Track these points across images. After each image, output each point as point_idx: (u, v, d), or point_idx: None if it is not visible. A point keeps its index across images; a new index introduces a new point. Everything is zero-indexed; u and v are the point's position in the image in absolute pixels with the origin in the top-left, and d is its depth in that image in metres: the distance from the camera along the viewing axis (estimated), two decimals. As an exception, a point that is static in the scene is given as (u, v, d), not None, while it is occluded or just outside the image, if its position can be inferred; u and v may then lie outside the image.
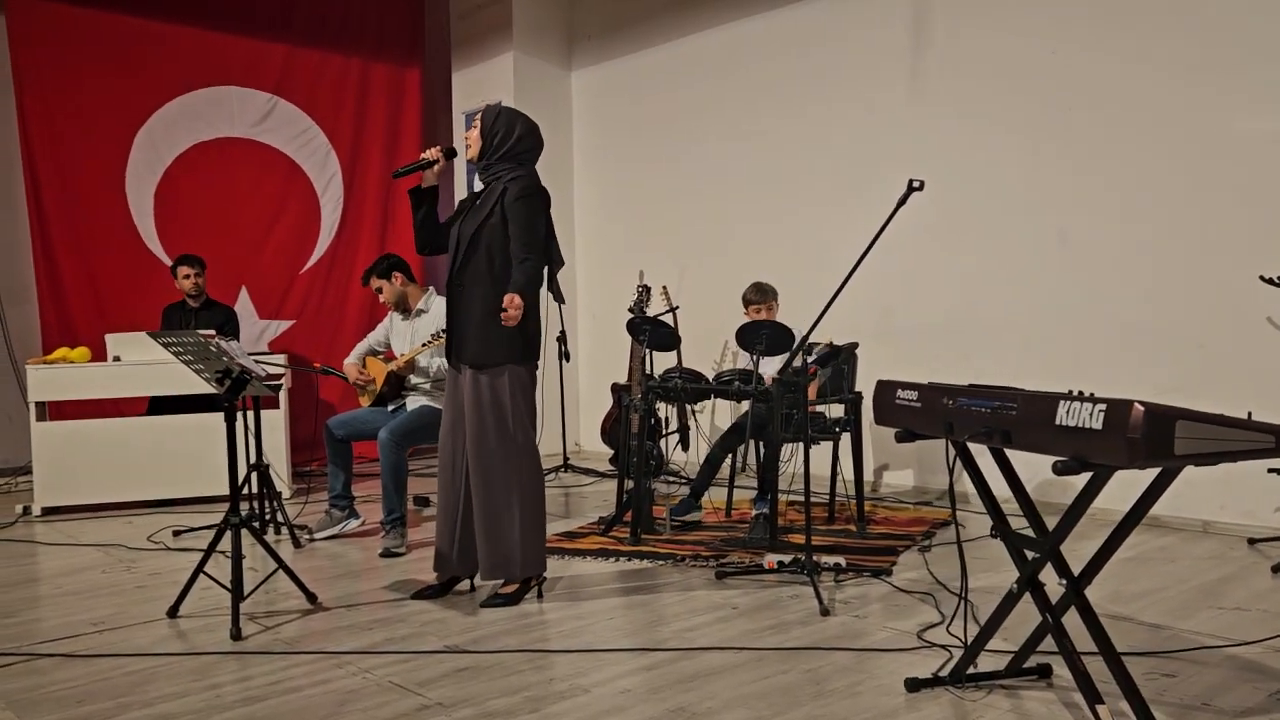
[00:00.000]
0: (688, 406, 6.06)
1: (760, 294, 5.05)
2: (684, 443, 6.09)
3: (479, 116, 3.64)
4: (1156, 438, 1.91)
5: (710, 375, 5.20)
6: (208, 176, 7.26)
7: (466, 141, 3.67)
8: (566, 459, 6.94)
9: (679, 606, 3.55)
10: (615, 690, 2.75)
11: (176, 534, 5.01)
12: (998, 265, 5.30)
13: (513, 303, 3.36)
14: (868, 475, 5.27)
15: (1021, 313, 5.21)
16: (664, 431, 5.88)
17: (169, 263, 6.51)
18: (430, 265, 8.11)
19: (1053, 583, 2.48)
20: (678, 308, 6.18)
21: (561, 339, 6.48)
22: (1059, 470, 2.07)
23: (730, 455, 4.98)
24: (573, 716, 2.58)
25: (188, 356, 3.68)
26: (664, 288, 6.33)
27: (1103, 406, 2.00)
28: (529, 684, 2.82)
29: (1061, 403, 2.11)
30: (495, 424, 3.51)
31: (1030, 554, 2.49)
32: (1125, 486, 2.76)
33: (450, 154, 3.70)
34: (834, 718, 2.53)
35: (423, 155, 3.66)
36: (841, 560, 3.95)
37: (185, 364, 3.73)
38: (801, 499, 3.93)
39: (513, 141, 3.60)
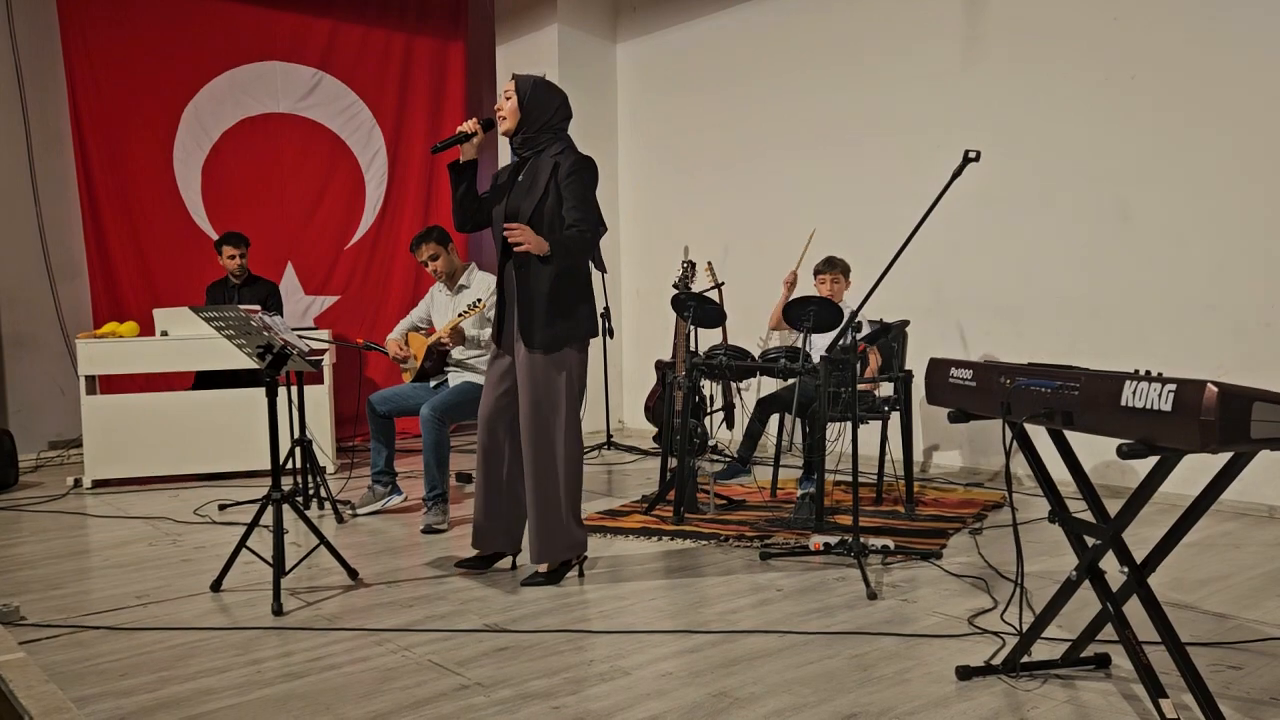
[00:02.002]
0: (733, 384, 5.97)
1: (828, 265, 4.96)
2: (729, 421, 6.01)
3: (510, 86, 3.54)
4: (1232, 420, 1.80)
5: (756, 352, 5.11)
6: (254, 152, 7.28)
7: (500, 113, 3.55)
8: (610, 436, 6.90)
9: (722, 588, 3.49)
10: (656, 673, 2.70)
11: (222, 508, 5.05)
12: (1055, 239, 5.14)
13: (525, 232, 3.30)
14: (917, 455, 5.16)
15: (1079, 289, 5.05)
16: (708, 409, 5.81)
17: (216, 237, 6.54)
18: (474, 240, 8.09)
19: (1113, 569, 2.37)
20: (723, 284, 6.08)
21: (605, 315, 6.42)
22: (1125, 454, 1.96)
23: (779, 425, 4.91)
24: (613, 699, 2.53)
25: (230, 331, 3.67)
26: (709, 263, 6.23)
27: (1173, 387, 1.89)
28: (569, 665, 2.77)
29: (1127, 383, 2.00)
30: (549, 405, 3.46)
31: (1091, 540, 2.39)
32: (1186, 469, 2.64)
33: (489, 125, 3.60)
34: (882, 705, 2.45)
35: (460, 128, 3.56)
36: (889, 542, 3.85)
37: (227, 339, 3.72)
38: (848, 479, 3.85)
39: (552, 112, 3.52)
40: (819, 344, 4.75)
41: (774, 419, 5.43)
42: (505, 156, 7.70)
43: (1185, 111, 4.64)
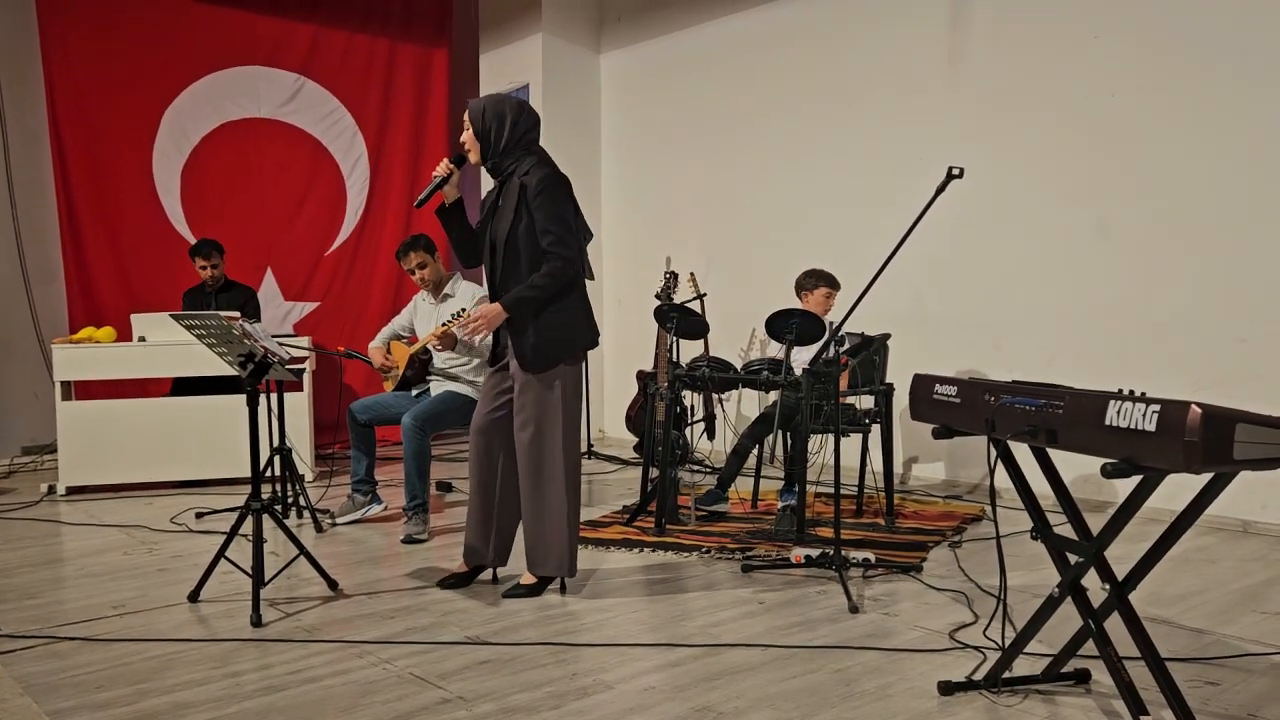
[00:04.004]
0: (714, 395, 5.98)
1: (833, 284, 4.95)
2: (710, 432, 6.02)
3: (467, 117, 3.48)
4: (1215, 441, 1.82)
5: (738, 364, 5.12)
6: (234, 157, 7.24)
7: (464, 146, 3.49)
8: (591, 445, 6.89)
9: (704, 600, 3.49)
10: (639, 687, 2.69)
11: (199, 516, 5.00)
12: (1034, 255, 5.18)
13: (490, 320, 3.35)
14: (897, 468, 5.18)
15: (1057, 304, 5.09)
16: (690, 420, 5.81)
17: (194, 242, 6.48)
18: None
19: (1094, 586, 2.39)
20: (705, 294, 6.09)
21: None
22: (1108, 473, 1.98)
23: (758, 445, 4.91)
24: (595, 714, 2.53)
25: (210, 339, 3.64)
26: (691, 274, 6.25)
27: (1156, 407, 1.91)
28: (551, 679, 2.76)
29: (1111, 402, 2.02)
30: (546, 420, 3.44)
31: (1073, 558, 2.40)
32: (1165, 483, 2.66)
33: (460, 161, 3.52)
34: (864, 721, 2.46)
35: (435, 173, 3.48)
36: (870, 555, 3.86)
37: (208, 347, 3.69)
38: (829, 491, 3.85)
39: (509, 131, 3.43)
40: (799, 356, 4.76)
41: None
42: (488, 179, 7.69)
43: (1164, 129, 4.70)
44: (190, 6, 7.00)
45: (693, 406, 5.96)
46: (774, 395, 5.15)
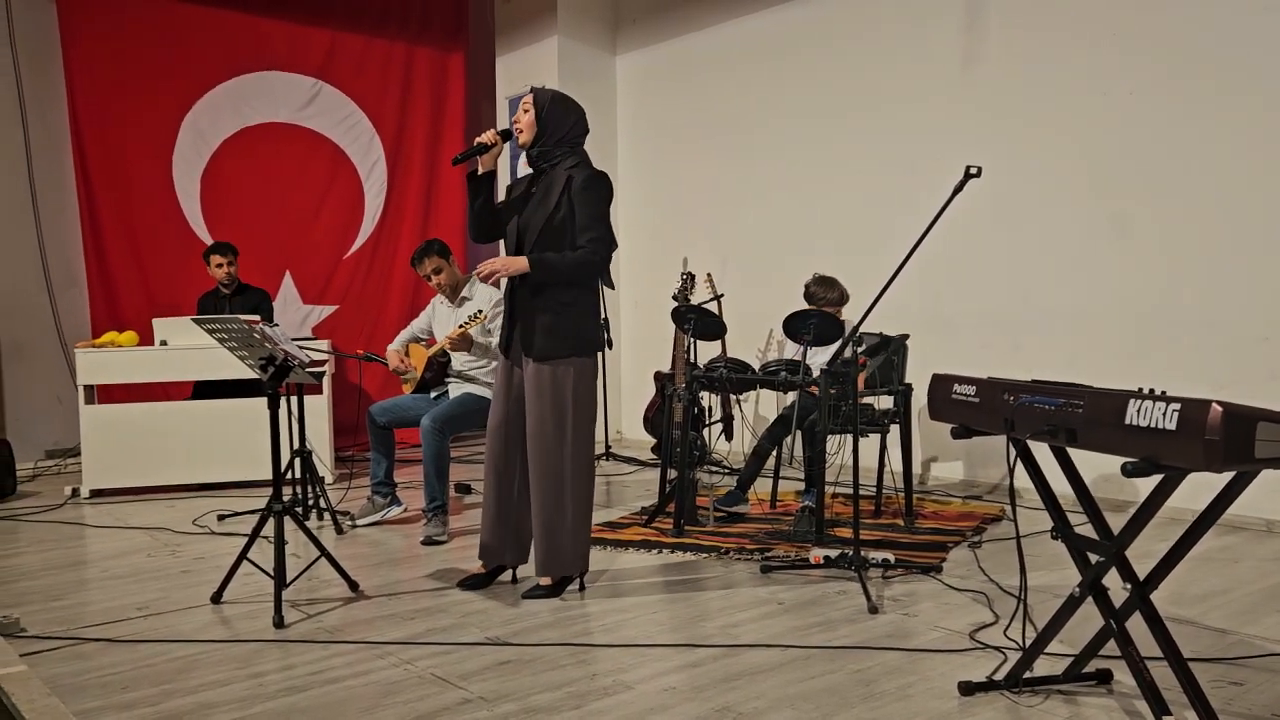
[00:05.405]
0: (732, 396, 5.99)
1: (838, 298, 4.92)
2: (727, 433, 6.02)
3: (529, 100, 3.54)
4: (1236, 440, 1.81)
5: (755, 364, 5.12)
6: (253, 161, 7.29)
7: (517, 126, 3.55)
8: (608, 446, 6.90)
9: (723, 601, 3.49)
10: (659, 688, 2.70)
11: (221, 518, 5.04)
12: (1052, 253, 5.16)
13: (507, 265, 3.38)
14: (916, 468, 5.16)
15: (1076, 302, 5.06)
16: (707, 421, 5.81)
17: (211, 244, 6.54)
18: (472, 252, 8.10)
19: (1115, 585, 2.38)
20: (722, 295, 6.09)
21: (605, 326, 6.42)
22: (1129, 472, 1.97)
23: (777, 446, 4.91)
24: (616, 714, 2.53)
25: (232, 343, 3.67)
26: (708, 275, 6.25)
27: (1177, 406, 1.90)
28: (571, 679, 2.77)
29: (1131, 401, 2.01)
30: (555, 417, 3.45)
31: (1094, 557, 2.40)
32: (1185, 482, 2.65)
33: (507, 136, 3.56)
34: (885, 721, 2.46)
35: (479, 140, 3.52)
36: (890, 555, 3.86)
37: (229, 350, 3.72)
38: (848, 491, 3.85)
39: (569, 127, 3.53)
40: (817, 358, 4.76)
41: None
42: (503, 169, 7.72)
43: (1183, 126, 4.67)
44: (209, 13, 7.06)
45: (710, 407, 5.96)
46: (792, 396, 5.15)
